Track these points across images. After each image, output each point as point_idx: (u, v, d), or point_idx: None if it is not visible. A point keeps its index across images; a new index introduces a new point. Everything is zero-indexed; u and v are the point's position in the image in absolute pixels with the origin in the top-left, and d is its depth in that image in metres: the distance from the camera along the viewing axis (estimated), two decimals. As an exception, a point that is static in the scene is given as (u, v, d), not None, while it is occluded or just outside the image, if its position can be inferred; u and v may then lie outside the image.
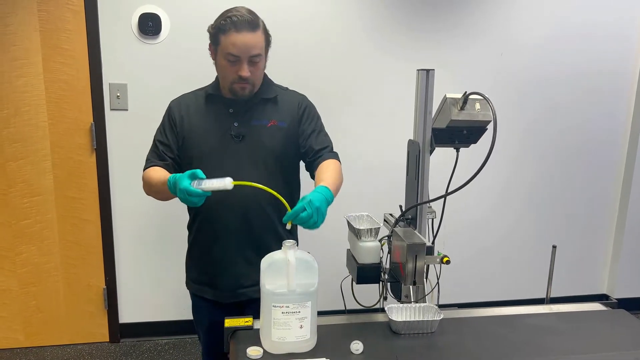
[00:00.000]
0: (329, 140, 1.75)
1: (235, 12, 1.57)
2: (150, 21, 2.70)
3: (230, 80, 1.61)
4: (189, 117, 1.70)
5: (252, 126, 1.67)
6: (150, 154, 1.74)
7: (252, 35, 1.56)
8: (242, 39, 1.55)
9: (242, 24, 1.55)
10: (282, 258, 1.30)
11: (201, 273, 1.78)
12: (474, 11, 3.03)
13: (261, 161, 1.66)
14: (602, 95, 3.29)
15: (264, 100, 1.69)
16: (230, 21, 1.55)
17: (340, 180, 1.64)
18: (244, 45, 1.55)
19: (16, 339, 2.92)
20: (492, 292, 3.38)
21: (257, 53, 1.59)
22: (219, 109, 1.69)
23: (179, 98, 1.77)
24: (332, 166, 1.64)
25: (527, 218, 3.37)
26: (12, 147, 2.71)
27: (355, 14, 2.90)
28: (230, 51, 1.56)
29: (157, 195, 1.69)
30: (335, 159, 1.69)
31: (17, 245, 2.81)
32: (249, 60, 1.58)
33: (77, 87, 2.72)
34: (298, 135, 1.71)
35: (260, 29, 1.59)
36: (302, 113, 1.72)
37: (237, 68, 1.58)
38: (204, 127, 1.68)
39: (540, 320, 1.53)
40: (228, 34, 1.55)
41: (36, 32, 2.61)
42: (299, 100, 1.75)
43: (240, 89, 1.62)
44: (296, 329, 1.29)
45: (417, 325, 1.42)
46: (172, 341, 3.05)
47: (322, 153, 1.69)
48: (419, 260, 1.47)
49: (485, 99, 1.55)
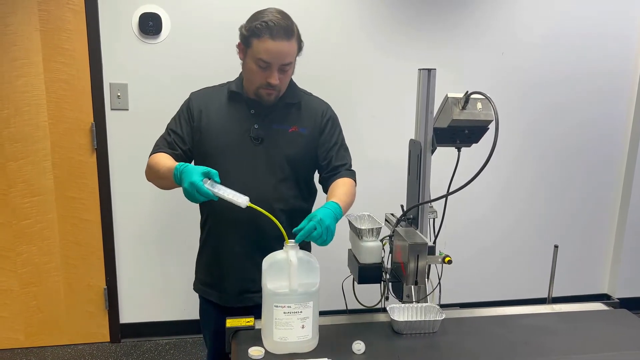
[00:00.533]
0: (349, 157, 1.74)
1: (271, 16, 1.51)
2: (151, 21, 2.70)
3: (258, 85, 1.58)
4: (208, 112, 1.66)
5: (273, 130, 1.64)
6: (160, 140, 1.69)
7: (287, 44, 1.52)
8: (277, 47, 1.50)
9: (279, 31, 1.49)
10: (284, 258, 1.30)
11: (208, 274, 1.77)
12: (474, 12, 3.03)
13: (277, 166, 1.64)
14: (602, 95, 3.29)
15: (288, 104, 1.66)
16: (266, 26, 1.49)
17: (352, 199, 1.63)
18: (278, 53, 1.51)
19: (17, 339, 2.91)
20: (493, 291, 3.38)
21: (289, 62, 1.56)
22: (240, 108, 1.65)
23: (201, 91, 1.73)
24: (347, 185, 1.64)
25: (527, 218, 3.37)
26: (13, 147, 2.70)
27: (355, 13, 2.90)
28: (262, 57, 1.51)
29: (159, 182, 1.64)
30: (351, 178, 1.68)
31: (17, 246, 2.81)
32: (279, 67, 1.54)
33: (78, 87, 2.71)
34: (318, 145, 1.69)
35: (294, 36, 1.55)
36: (325, 123, 1.70)
37: (267, 74, 1.54)
38: (222, 125, 1.64)
39: (543, 320, 1.53)
40: (262, 39, 1.50)
41: (36, 31, 2.61)
42: (324, 108, 1.72)
43: (266, 94, 1.59)
44: (298, 329, 1.29)
45: (419, 325, 1.42)
46: (173, 341, 3.05)
47: (339, 170, 1.68)
48: (420, 260, 1.47)
49: (487, 98, 1.55)
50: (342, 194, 1.57)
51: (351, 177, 1.69)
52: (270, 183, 1.63)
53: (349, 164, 1.72)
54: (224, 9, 2.77)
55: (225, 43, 2.78)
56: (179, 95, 1.80)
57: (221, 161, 1.60)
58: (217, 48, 2.78)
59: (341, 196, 1.55)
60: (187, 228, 2.89)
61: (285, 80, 1.60)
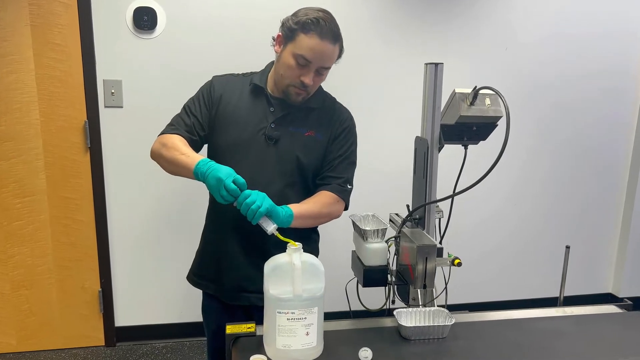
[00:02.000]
0: (350, 171, 1.67)
1: (322, 15, 1.47)
2: (146, 15, 2.63)
3: (289, 82, 1.53)
4: (228, 102, 1.60)
5: (289, 132, 1.58)
6: (177, 120, 1.62)
7: (332, 47, 1.49)
8: (322, 47, 1.47)
9: (328, 31, 1.46)
10: (287, 262, 1.24)
11: (203, 267, 1.72)
12: (478, 13, 2.98)
13: (288, 170, 1.59)
14: (608, 96, 3.26)
15: (309, 108, 1.61)
16: (317, 23, 1.45)
17: (321, 210, 1.58)
18: (321, 54, 1.48)
19: (9, 344, 2.84)
20: (500, 291, 3.35)
21: (328, 65, 1.53)
22: (260, 103, 1.60)
23: (225, 77, 1.66)
24: (323, 196, 1.59)
25: (533, 217, 3.33)
26: (4, 146, 2.63)
27: (359, 9, 2.84)
28: (305, 54, 1.47)
29: (169, 167, 1.56)
30: (334, 193, 1.61)
31: (9, 247, 2.73)
32: (317, 69, 1.50)
33: (70, 83, 2.64)
34: (326, 151, 1.64)
35: (339, 42, 1.52)
36: (340, 132, 1.64)
37: (303, 72, 1.50)
38: (239, 117, 1.59)
39: (555, 323, 1.47)
40: (310, 35, 1.46)
41: (27, 26, 2.53)
42: (344, 117, 1.67)
43: (295, 94, 1.54)
44: (302, 336, 1.23)
45: (428, 331, 1.36)
46: (170, 344, 2.99)
47: (331, 182, 1.62)
48: (429, 262, 1.41)
49: (497, 93, 1.49)
50: (308, 206, 1.54)
51: (335, 192, 1.62)
52: (278, 186, 1.57)
53: (344, 179, 1.65)
54: (221, 3, 2.70)
55: (223, 38, 2.74)
56: (174, 92, 1.74)
57: (230, 156, 1.55)
58: (214, 43, 2.72)
59: (303, 204, 1.53)
60: (184, 229, 2.84)
61: (317, 84, 1.57)
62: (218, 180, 1.35)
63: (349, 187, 1.67)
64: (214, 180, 1.36)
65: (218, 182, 1.35)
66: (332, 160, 1.64)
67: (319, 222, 1.66)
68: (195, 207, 1.73)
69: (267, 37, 1.62)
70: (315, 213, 1.58)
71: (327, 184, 1.63)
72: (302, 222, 1.53)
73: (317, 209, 1.58)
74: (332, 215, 1.63)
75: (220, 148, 1.59)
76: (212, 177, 1.36)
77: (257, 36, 2.58)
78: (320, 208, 1.59)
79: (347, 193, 1.66)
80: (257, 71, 1.67)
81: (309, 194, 1.64)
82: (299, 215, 1.50)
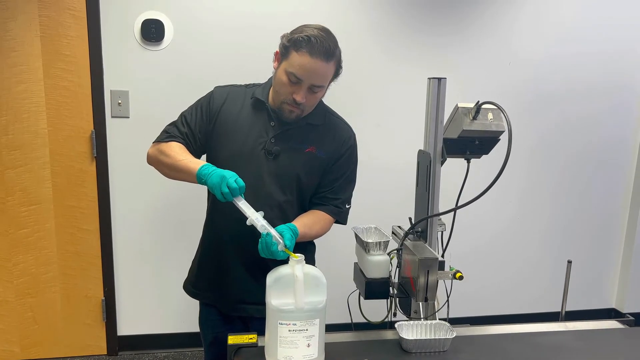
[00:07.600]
0: (349, 191, 1.68)
1: (316, 33, 1.45)
2: (153, 27, 2.66)
3: (282, 99, 1.52)
4: (228, 113, 1.59)
5: (289, 147, 1.57)
6: (171, 128, 1.62)
7: (324, 65, 1.46)
8: (312, 65, 1.44)
9: (319, 50, 1.43)
10: (289, 273, 1.25)
11: (201, 277, 1.73)
12: (482, 28, 3.00)
13: (287, 186, 1.58)
14: (613, 111, 3.25)
15: (310, 125, 1.60)
16: (308, 41, 1.43)
17: (315, 233, 1.61)
18: (311, 72, 1.45)
19: (12, 352, 2.84)
20: (502, 305, 3.33)
21: (320, 84, 1.49)
22: (261, 117, 1.59)
23: (227, 88, 1.65)
24: (318, 217, 1.61)
25: (536, 231, 3.32)
26: (11, 154, 2.66)
27: (362, 18, 2.87)
28: (295, 71, 1.45)
29: (169, 172, 1.57)
30: (329, 215, 1.64)
31: (14, 255, 2.75)
32: (309, 87, 1.48)
33: (78, 93, 2.67)
34: (327, 171, 1.63)
35: (334, 60, 1.49)
36: (344, 152, 1.64)
37: (295, 90, 1.48)
38: (240, 128, 1.58)
39: (556, 338, 1.47)
40: (300, 52, 1.44)
41: (37, 37, 2.57)
42: (347, 137, 1.65)
43: (288, 111, 1.53)
44: (303, 348, 1.24)
45: (429, 344, 1.36)
46: (172, 354, 2.99)
47: (327, 202, 1.64)
48: (431, 275, 1.41)
49: (499, 108, 1.50)
50: (305, 224, 1.54)
51: (331, 214, 1.64)
52: (276, 203, 1.58)
53: (342, 199, 1.66)
54: (228, 15, 2.73)
55: (229, 49, 2.77)
56: (181, 103, 1.75)
57: (229, 168, 1.53)
58: (221, 54, 2.74)
59: (304, 226, 1.53)
60: (188, 240, 2.84)
61: (312, 102, 1.54)
62: (222, 177, 1.36)
63: (347, 207, 1.68)
64: (217, 178, 1.37)
65: (221, 179, 1.36)
66: (333, 181, 1.64)
67: (309, 240, 1.67)
68: (201, 218, 1.74)
69: (273, 47, 1.63)
70: (312, 235, 1.61)
71: (324, 204, 1.64)
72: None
73: (314, 232, 1.60)
74: (321, 234, 1.66)
75: (219, 159, 1.58)
76: (216, 175, 1.38)
77: (264, 47, 2.59)
78: (318, 231, 1.62)
79: (344, 214, 1.68)
80: (261, 83, 1.66)
81: (305, 208, 1.65)
82: (300, 237, 1.50)
